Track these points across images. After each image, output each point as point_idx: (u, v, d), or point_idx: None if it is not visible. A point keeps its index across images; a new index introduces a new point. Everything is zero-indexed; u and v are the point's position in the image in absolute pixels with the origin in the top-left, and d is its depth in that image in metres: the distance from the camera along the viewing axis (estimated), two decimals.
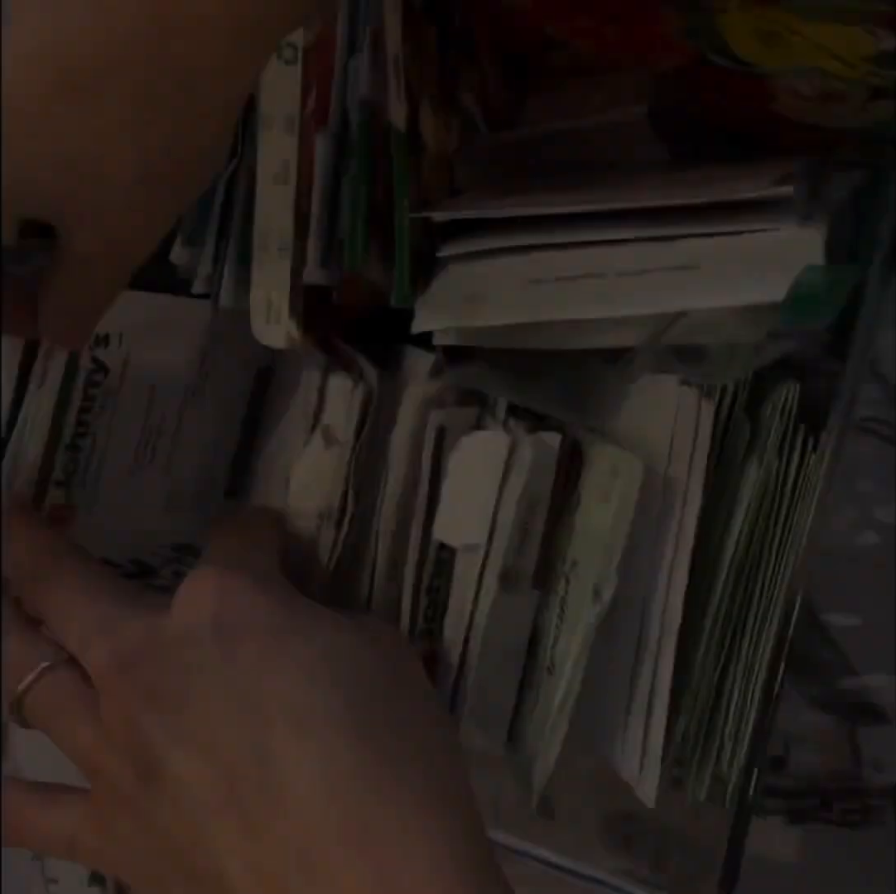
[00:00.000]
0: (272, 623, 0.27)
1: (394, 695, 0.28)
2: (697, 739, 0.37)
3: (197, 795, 0.25)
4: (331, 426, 0.33)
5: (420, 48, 0.34)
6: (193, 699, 0.26)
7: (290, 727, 0.25)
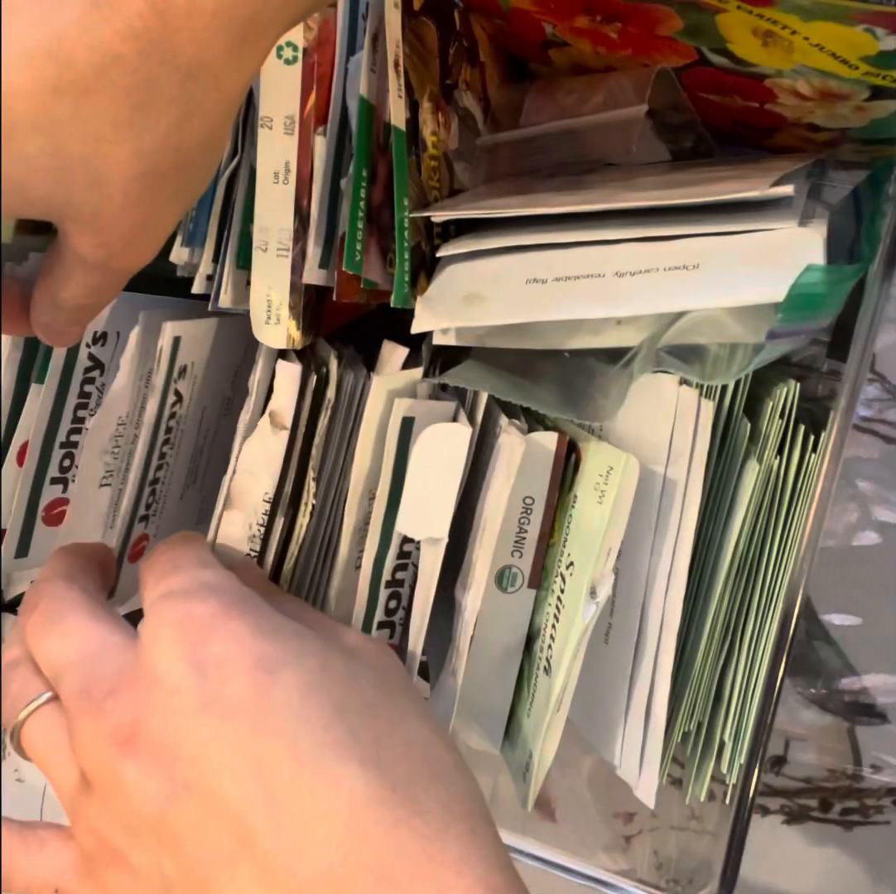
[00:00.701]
0: (256, 655, 0.25)
1: (395, 717, 0.26)
2: (697, 739, 0.37)
3: (202, 848, 0.24)
4: (277, 411, 0.33)
5: (420, 48, 0.34)
6: (184, 746, 0.24)
7: (297, 764, 0.24)
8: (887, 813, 0.49)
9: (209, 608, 0.26)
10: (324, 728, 0.24)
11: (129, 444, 0.36)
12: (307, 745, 0.24)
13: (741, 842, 0.33)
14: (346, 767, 0.24)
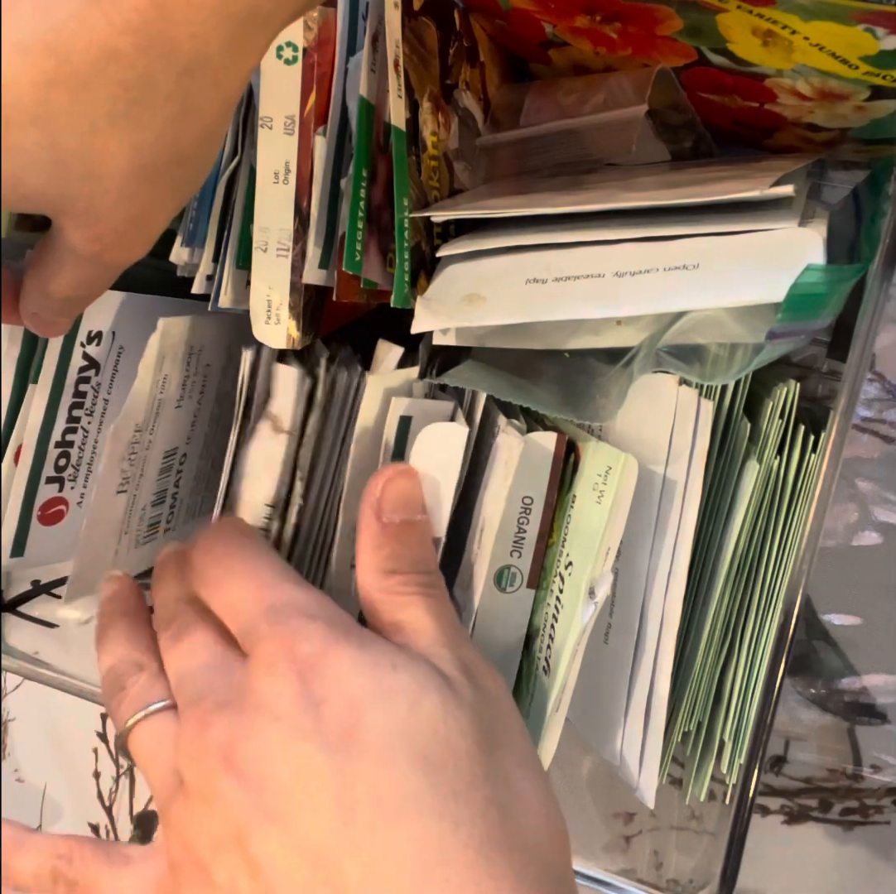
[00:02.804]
0: (351, 695, 0.25)
1: (483, 771, 0.25)
2: (697, 739, 0.37)
3: (282, 877, 0.24)
4: (277, 415, 0.33)
5: (420, 48, 0.34)
6: (275, 775, 0.25)
7: (374, 813, 0.24)
8: (887, 813, 0.49)
9: (314, 644, 0.26)
10: (403, 779, 0.24)
11: (144, 450, 0.36)
12: (387, 795, 0.24)
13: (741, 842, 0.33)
14: (423, 823, 0.24)
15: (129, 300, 0.35)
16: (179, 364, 0.35)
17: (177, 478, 0.39)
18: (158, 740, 0.28)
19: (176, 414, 0.37)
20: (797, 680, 0.49)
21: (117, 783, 0.62)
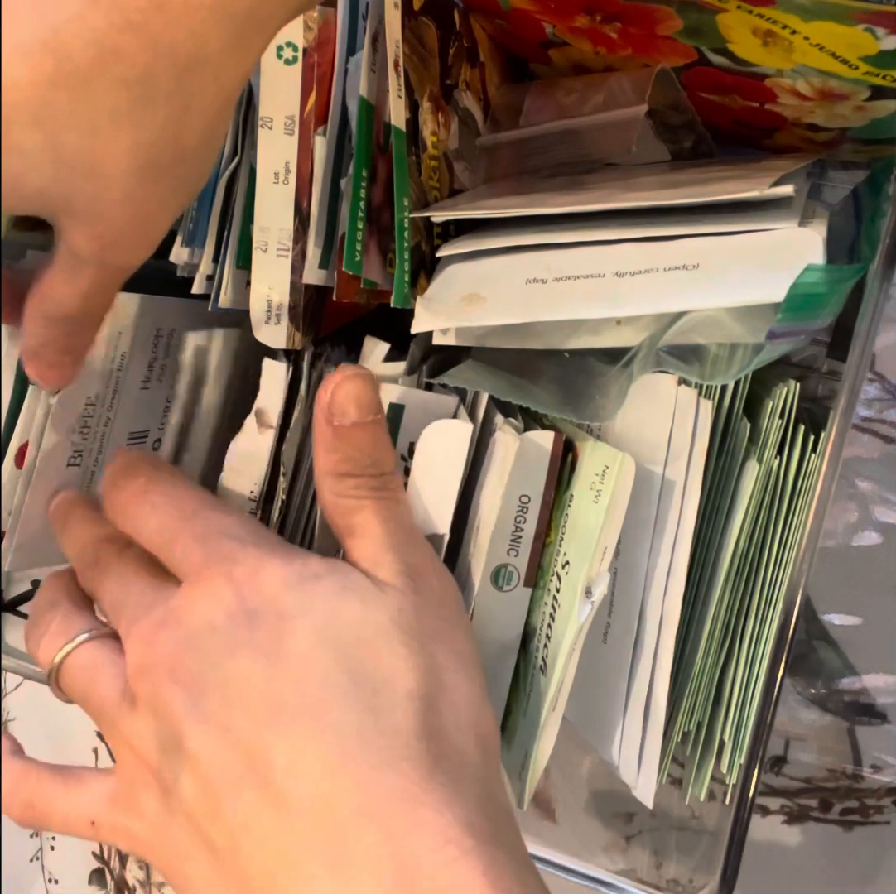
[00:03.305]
0: (279, 607, 0.27)
1: (419, 661, 0.27)
2: (697, 739, 0.37)
3: (215, 771, 0.26)
4: (263, 409, 0.33)
5: (420, 48, 0.34)
6: (211, 680, 0.27)
7: (299, 707, 0.26)
8: (887, 813, 0.49)
9: (246, 566, 0.28)
10: (327, 678, 0.26)
11: (100, 427, 0.36)
12: (312, 693, 0.26)
13: (741, 842, 0.33)
14: (344, 715, 0.26)
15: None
16: (142, 344, 0.35)
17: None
18: (92, 667, 0.30)
19: (142, 395, 0.37)
20: (797, 680, 0.49)
21: None
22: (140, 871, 0.62)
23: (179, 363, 0.38)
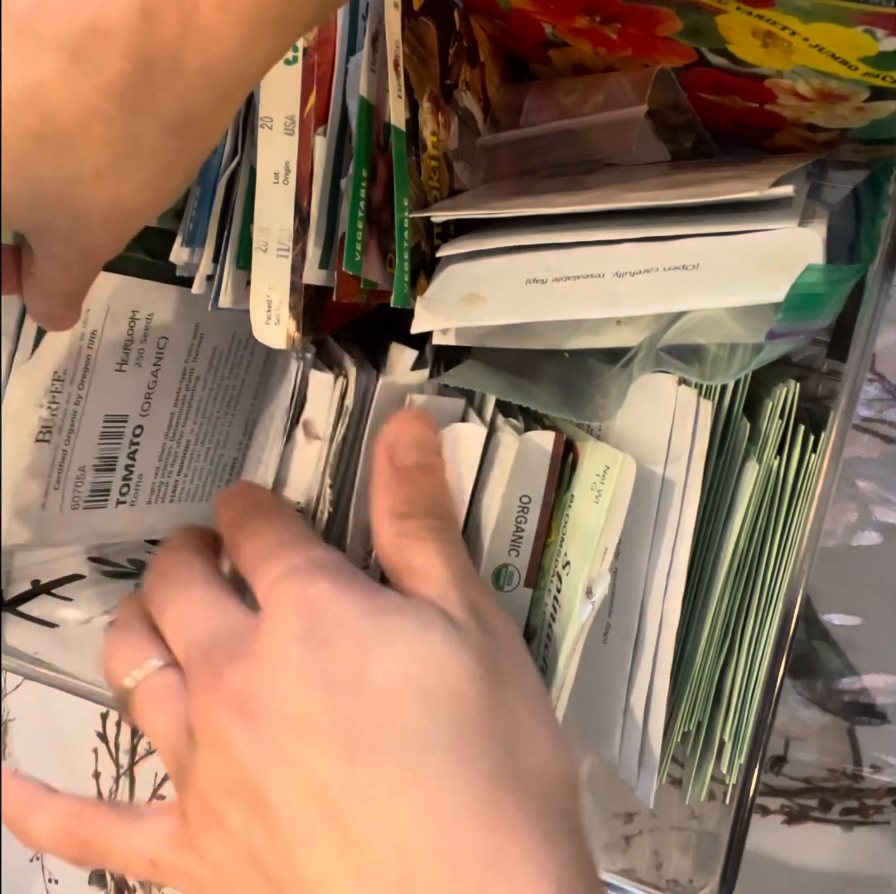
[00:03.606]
0: (358, 637, 0.26)
1: (487, 709, 0.26)
2: (697, 739, 0.37)
3: (289, 818, 0.24)
4: (311, 421, 0.33)
5: (420, 48, 0.34)
6: (286, 717, 0.25)
7: (378, 751, 0.25)
8: (887, 813, 0.49)
9: (321, 590, 0.27)
10: (408, 716, 0.25)
11: (70, 404, 0.36)
12: (391, 733, 0.25)
13: (741, 842, 0.33)
14: (427, 759, 0.24)
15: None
16: (116, 324, 0.36)
17: (131, 450, 0.39)
18: (161, 698, 0.29)
19: (118, 377, 0.37)
20: (797, 680, 0.49)
21: (117, 783, 0.62)
22: None
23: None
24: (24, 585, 0.43)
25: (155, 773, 0.62)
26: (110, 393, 0.37)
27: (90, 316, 0.35)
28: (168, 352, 0.39)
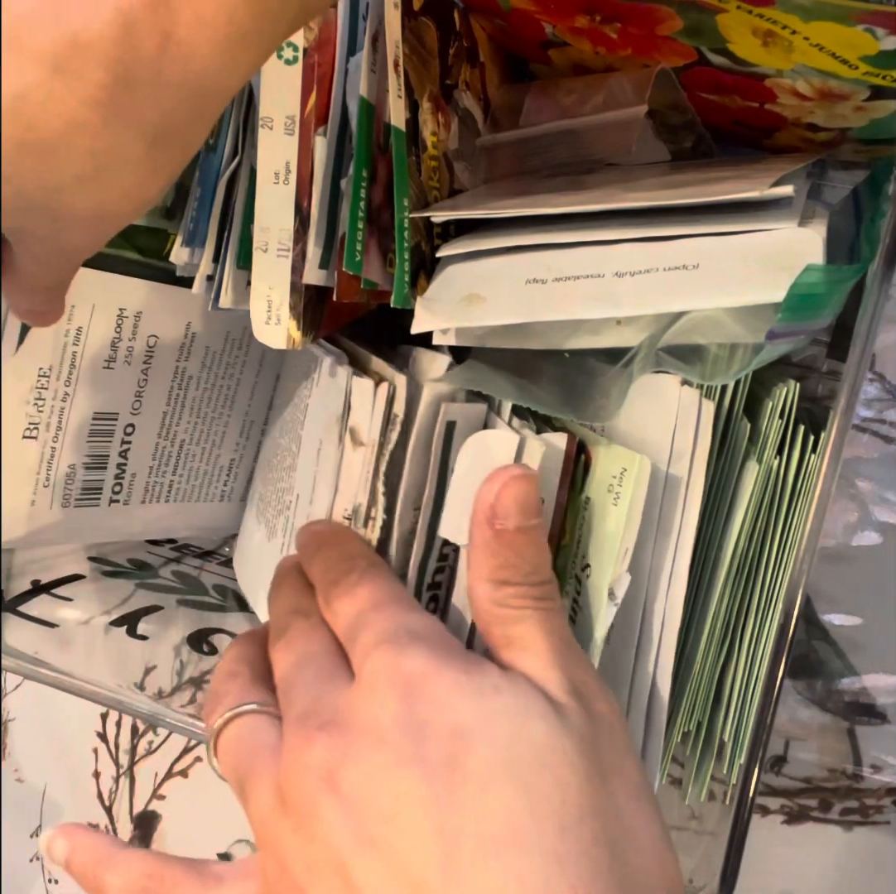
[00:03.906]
0: (455, 720, 0.25)
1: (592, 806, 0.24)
2: (697, 739, 0.37)
3: None
4: (356, 428, 0.33)
5: (420, 48, 0.34)
6: (376, 800, 0.24)
7: (478, 844, 0.23)
8: (887, 813, 0.49)
9: (418, 665, 0.26)
10: (507, 811, 0.24)
11: (57, 401, 0.36)
12: (489, 828, 0.23)
13: (741, 842, 0.33)
14: (528, 860, 0.23)
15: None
16: (102, 322, 0.35)
17: (123, 449, 0.39)
18: (250, 742, 0.28)
19: (107, 375, 0.37)
20: (797, 680, 0.49)
21: (117, 783, 0.62)
22: None
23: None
24: (24, 585, 0.43)
25: (155, 773, 0.62)
26: (99, 390, 0.37)
27: (75, 312, 0.35)
28: (158, 350, 0.39)
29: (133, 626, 0.41)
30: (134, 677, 0.39)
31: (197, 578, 0.46)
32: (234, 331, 0.42)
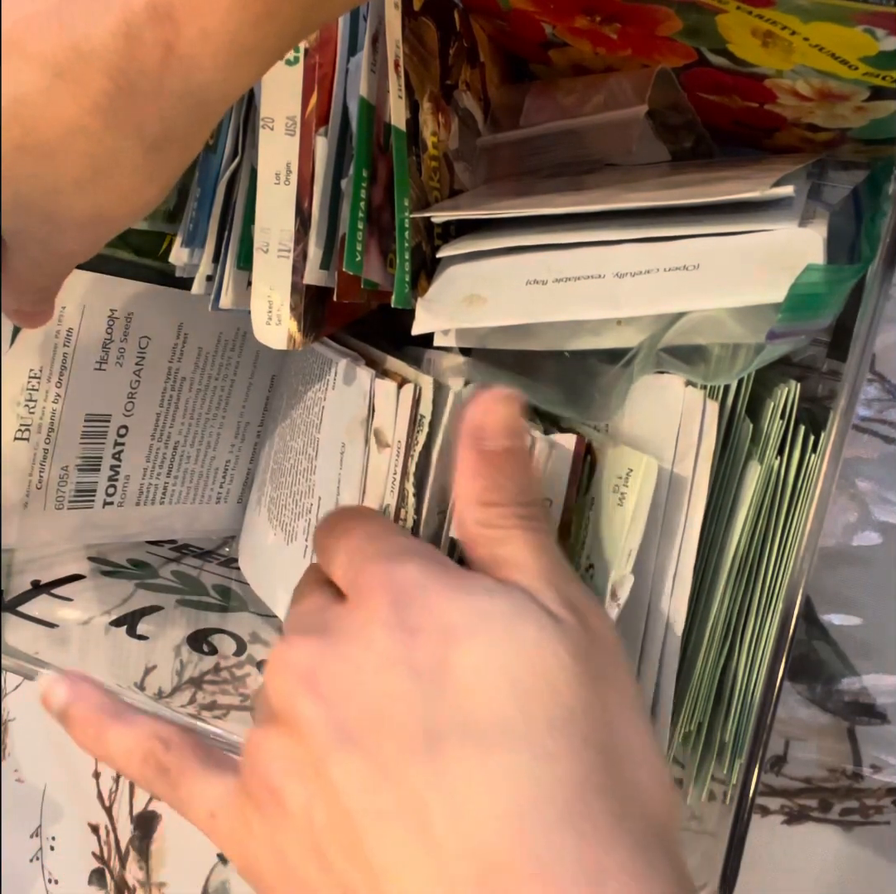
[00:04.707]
0: (444, 624, 0.25)
1: (581, 707, 0.24)
2: (698, 739, 0.37)
3: (357, 802, 0.23)
4: (380, 429, 0.33)
5: (420, 49, 0.34)
6: (360, 699, 0.24)
7: (465, 741, 0.23)
8: (887, 813, 0.49)
9: (409, 574, 0.26)
10: (496, 707, 0.23)
11: (49, 402, 0.36)
12: (477, 724, 0.23)
13: (741, 842, 0.33)
14: (517, 756, 0.23)
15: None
16: (93, 323, 0.35)
17: (116, 450, 0.39)
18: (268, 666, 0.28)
19: (99, 376, 0.37)
20: (797, 680, 0.49)
21: (117, 783, 0.62)
22: (140, 871, 0.62)
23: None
24: (24, 585, 0.43)
25: None
26: (91, 392, 0.37)
27: (65, 314, 0.35)
28: (151, 351, 0.39)
29: (133, 626, 0.41)
30: (134, 677, 0.39)
31: (197, 578, 0.46)
32: (226, 332, 0.42)
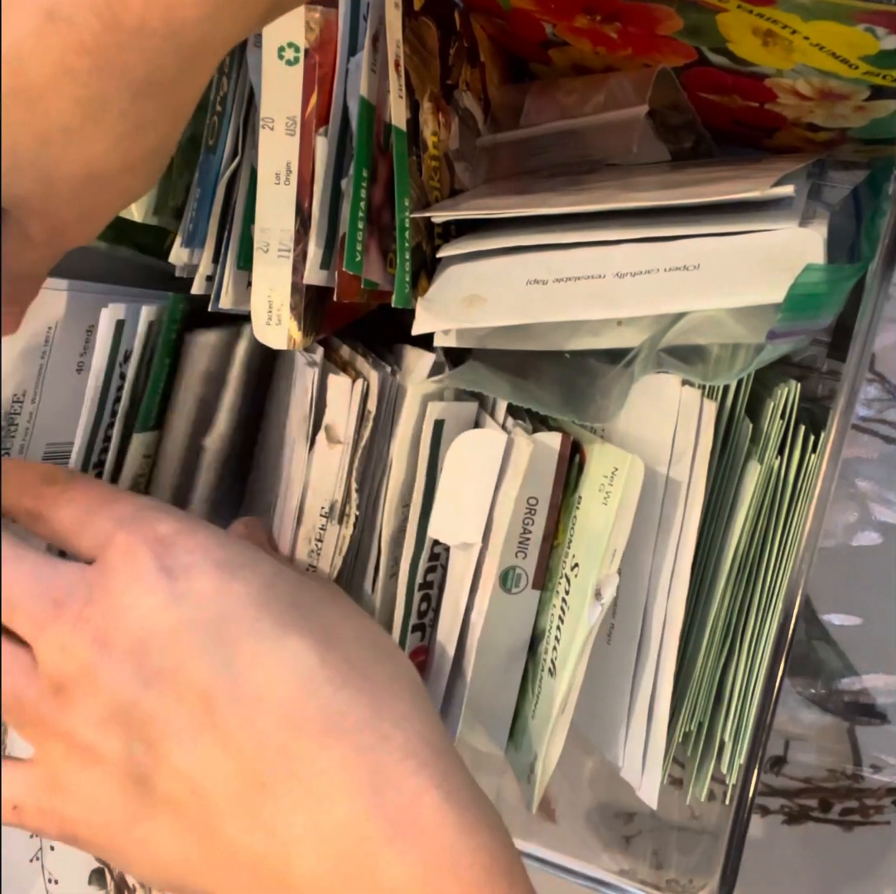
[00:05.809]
0: (218, 559, 0.28)
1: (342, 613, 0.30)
2: (698, 739, 0.37)
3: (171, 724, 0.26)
4: (332, 425, 0.33)
5: (420, 48, 0.34)
6: (156, 637, 0.26)
7: (256, 639, 0.27)
8: (887, 813, 0.49)
9: (170, 526, 0.28)
10: (280, 613, 0.27)
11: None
12: (265, 625, 0.27)
13: (741, 842, 0.33)
14: (300, 639, 0.27)
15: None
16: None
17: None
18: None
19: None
20: (797, 680, 0.49)
21: None
22: None
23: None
24: None
25: None
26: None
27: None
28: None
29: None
30: None
31: None
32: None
